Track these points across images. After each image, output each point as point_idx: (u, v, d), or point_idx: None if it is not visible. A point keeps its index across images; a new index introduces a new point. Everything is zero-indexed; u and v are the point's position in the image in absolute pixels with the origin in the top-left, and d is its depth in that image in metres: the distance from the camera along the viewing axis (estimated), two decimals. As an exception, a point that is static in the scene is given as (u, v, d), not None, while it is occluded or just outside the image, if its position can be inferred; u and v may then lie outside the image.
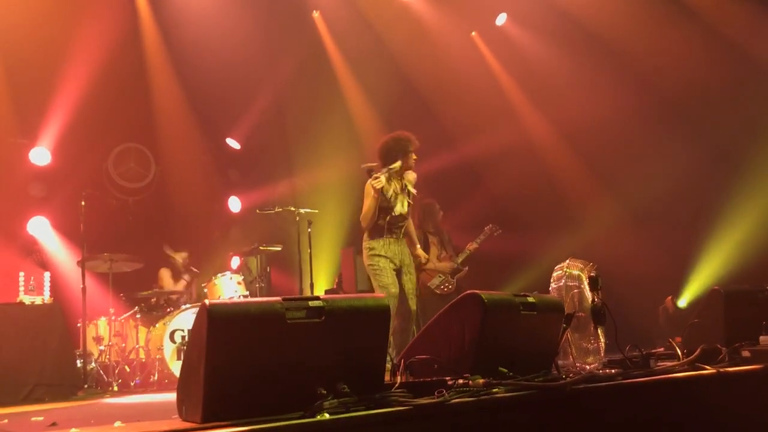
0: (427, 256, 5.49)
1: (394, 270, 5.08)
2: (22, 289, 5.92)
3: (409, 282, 5.16)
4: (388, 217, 5.13)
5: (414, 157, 5.22)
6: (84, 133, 8.06)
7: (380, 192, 5.01)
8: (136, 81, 8.50)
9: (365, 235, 5.20)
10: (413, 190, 5.31)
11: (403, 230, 5.25)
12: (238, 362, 2.29)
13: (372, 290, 6.39)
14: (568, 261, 4.24)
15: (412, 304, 5.14)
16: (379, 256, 5.04)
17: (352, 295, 2.72)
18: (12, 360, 5.50)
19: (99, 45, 7.68)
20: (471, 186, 8.95)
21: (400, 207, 5.17)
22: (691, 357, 3.41)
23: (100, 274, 7.25)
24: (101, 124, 8.24)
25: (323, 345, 2.46)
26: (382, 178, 5.01)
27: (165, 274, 7.72)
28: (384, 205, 5.10)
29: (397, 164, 5.11)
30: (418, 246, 5.46)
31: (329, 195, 9.05)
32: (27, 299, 5.87)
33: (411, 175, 5.31)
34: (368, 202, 5.07)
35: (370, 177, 5.11)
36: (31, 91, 7.59)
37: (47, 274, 6.15)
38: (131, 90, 8.48)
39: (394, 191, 5.14)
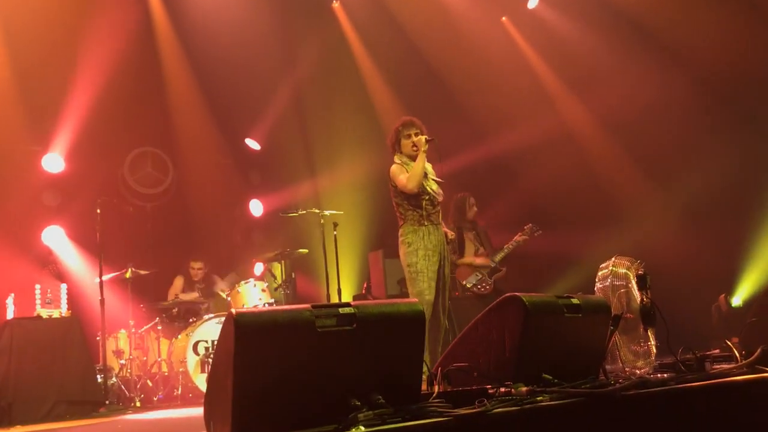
0: (453, 234, 5.41)
1: (435, 268, 5.03)
2: (38, 302, 5.99)
3: (446, 275, 5.13)
4: (424, 201, 5.09)
5: (410, 142, 5.14)
6: (98, 138, 8.16)
7: (424, 145, 5.00)
8: (150, 82, 8.60)
9: (401, 228, 5.17)
10: (437, 178, 5.28)
11: (440, 215, 5.22)
12: (267, 374, 2.31)
13: (403, 295, 6.40)
14: (613, 259, 4.21)
15: (446, 297, 5.12)
16: (418, 252, 4.99)
17: (383, 300, 2.73)
18: (31, 376, 5.59)
19: (111, 46, 7.78)
20: (505, 182, 8.90)
21: (434, 189, 5.14)
22: (750, 359, 3.35)
23: (119, 285, 7.35)
24: (116, 128, 8.34)
25: (356, 354, 2.47)
26: (422, 136, 5.06)
27: (175, 284, 7.80)
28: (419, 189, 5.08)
29: (422, 138, 5.10)
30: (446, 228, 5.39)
31: (354, 195, 9.07)
32: (44, 312, 5.95)
33: (430, 167, 5.29)
34: (404, 174, 5.03)
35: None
36: (42, 96, 7.70)
37: (64, 286, 6.22)
38: (146, 91, 8.57)
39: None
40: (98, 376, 6.25)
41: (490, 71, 8.91)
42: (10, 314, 6.00)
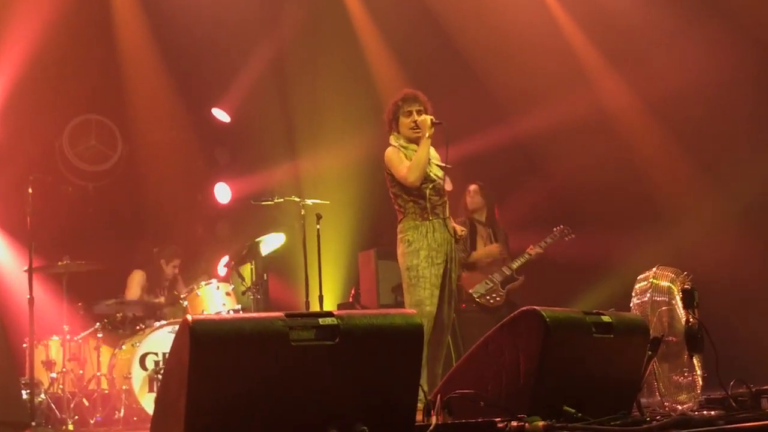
0: (464, 230, 5.41)
1: (439, 273, 5.01)
2: (-50, 300, 5.99)
3: (452, 280, 5.13)
4: (428, 191, 5.09)
5: (410, 120, 5.14)
6: (31, 102, 8.12)
7: (430, 128, 5.00)
8: (97, 35, 8.56)
9: (400, 223, 5.15)
10: (440, 162, 5.27)
11: (447, 208, 5.21)
12: (228, 396, 2.31)
13: (399, 305, 6.41)
14: (655, 269, 4.21)
15: (451, 308, 5.12)
16: (420, 252, 4.98)
17: (374, 311, 2.72)
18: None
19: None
20: (527, 172, 8.91)
21: (441, 175, 5.13)
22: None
23: (52, 282, 7.31)
24: (54, 90, 8.30)
25: (337, 375, 2.48)
26: (427, 117, 5.07)
27: (135, 280, 7.75)
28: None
29: (427, 120, 5.10)
30: (454, 223, 5.37)
31: (343, 181, 9.06)
32: (-41, 312, 5.93)
33: (434, 152, 5.28)
34: (402, 163, 5.04)
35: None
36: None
37: (-17, 281, 6.22)
38: (92, 47, 8.54)
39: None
40: (23, 392, 6.22)
41: (514, 40, 8.88)
42: None
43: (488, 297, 6.82)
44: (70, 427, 6.44)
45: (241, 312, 7.02)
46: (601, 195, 8.48)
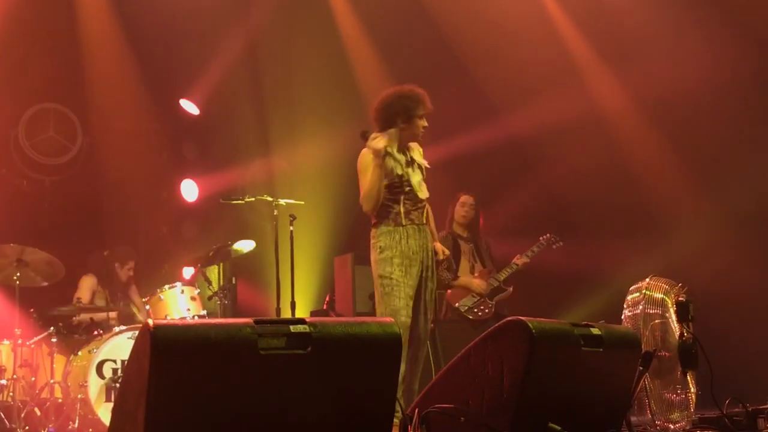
0: (447, 252, 5.41)
1: (414, 282, 5.02)
2: None
3: (428, 290, 5.14)
4: (402, 197, 5.08)
5: (423, 124, 5.17)
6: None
7: (383, 155, 4.97)
8: (58, 19, 8.50)
9: (373, 227, 5.15)
10: (424, 163, 5.27)
11: (424, 214, 5.21)
12: (191, 407, 2.30)
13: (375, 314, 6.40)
14: (648, 280, 4.24)
15: (428, 320, 5.13)
16: (393, 260, 4.99)
17: (349, 318, 2.72)
18: None
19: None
20: (516, 175, 8.93)
21: (416, 182, 5.13)
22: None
23: (2, 283, 7.25)
24: (9, 78, 8.24)
25: (309, 386, 2.48)
26: (382, 139, 5.00)
27: (87, 284, 7.70)
28: (393, 182, 5.06)
29: (393, 131, 5.08)
30: (437, 241, 5.39)
31: (319, 180, 9.05)
32: None
33: (417, 150, 5.28)
34: (368, 176, 5.05)
35: (365, 141, 5.09)
36: None
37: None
38: (51, 29, 8.48)
39: (399, 162, 5.10)
40: (-30, 401, 6.18)
41: (505, 35, 8.91)
42: None
43: (476, 310, 6.85)
44: (20, 439, 6.39)
45: (207, 318, 7.00)
46: (592, 200, 8.52)
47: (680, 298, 4.13)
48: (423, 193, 5.15)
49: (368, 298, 7.74)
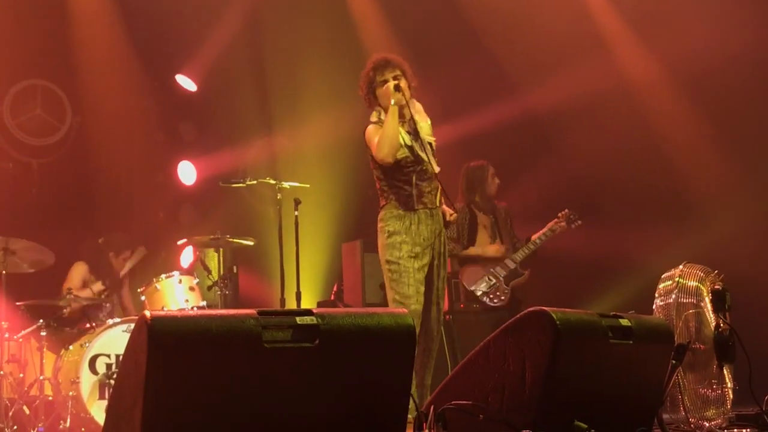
0: (454, 214, 5.38)
1: (425, 268, 5.02)
2: None
3: (440, 278, 5.14)
4: (414, 176, 5.08)
5: (398, 83, 5.10)
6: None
7: (399, 102, 4.99)
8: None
9: (382, 210, 5.15)
10: (431, 138, 5.26)
11: (439, 196, 5.20)
12: (190, 404, 2.31)
13: (386, 304, 6.42)
14: (681, 267, 4.23)
15: (440, 310, 5.13)
16: (402, 246, 4.98)
17: (358, 309, 2.73)
18: None
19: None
20: (537, 153, 8.91)
21: (426, 157, 5.11)
22: None
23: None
24: (-6, 52, 8.27)
25: (316, 382, 2.48)
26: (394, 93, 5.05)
27: (77, 272, 7.71)
28: (402, 156, 5.07)
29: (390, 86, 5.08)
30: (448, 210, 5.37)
31: (326, 162, 9.05)
32: None
33: (425, 123, 5.26)
34: (383, 129, 5.04)
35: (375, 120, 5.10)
36: None
37: None
38: (38, 2, 8.48)
39: (403, 138, 5.10)
40: (-45, 398, 6.22)
41: (524, 3, 8.88)
42: None
43: (491, 296, 6.84)
44: (9, 439, 6.44)
45: (206, 309, 7.02)
46: (620, 181, 8.50)
47: (716, 287, 4.12)
48: (431, 168, 5.12)
49: (379, 288, 7.75)
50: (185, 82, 9.39)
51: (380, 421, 2.58)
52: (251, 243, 7.43)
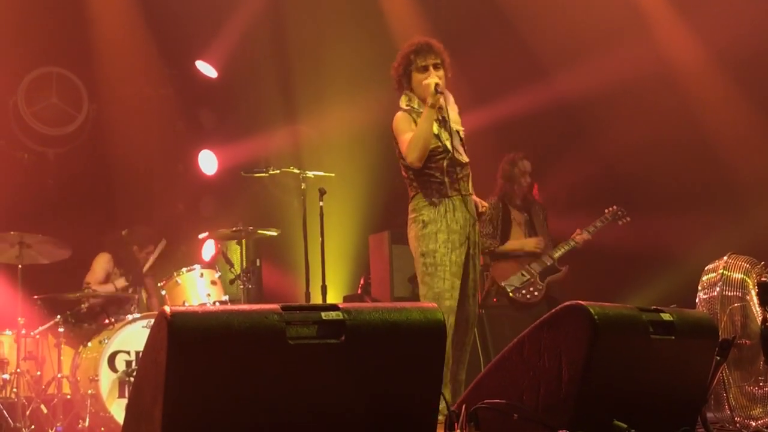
0: (486, 205, 5.35)
1: (461, 260, 5.01)
2: None
3: (475, 270, 5.13)
4: (445, 163, 5.07)
5: (438, 82, 5.01)
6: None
7: (438, 91, 4.93)
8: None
9: (412, 200, 5.14)
10: (460, 128, 5.24)
11: (470, 183, 5.18)
12: (212, 402, 2.32)
13: (416, 298, 6.42)
14: (726, 258, 4.20)
15: (476, 302, 5.13)
16: (438, 235, 4.96)
17: (386, 304, 2.73)
18: None
19: None
20: (573, 141, 8.87)
21: (455, 147, 5.09)
22: None
23: (3, 267, 7.34)
24: (8, 39, 8.30)
25: (343, 380, 2.48)
26: (433, 77, 5.00)
27: (101, 263, 7.75)
28: (433, 145, 5.03)
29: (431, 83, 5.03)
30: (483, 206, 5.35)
31: (351, 150, 9.06)
32: None
33: (453, 110, 5.23)
34: (407, 135, 5.03)
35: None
36: None
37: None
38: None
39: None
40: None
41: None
42: None
43: (524, 291, 6.82)
44: (26, 437, 6.49)
45: (228, 304, 7.04)
46: (661, 169, 8.45)
47: (763, 278, 4.09)
48: (462, 157, 5.11)
49: (407, 281, 7.75)
50: (206, 69, 9.43)
51: (409, 420, 2.58)
52: (275, 233, 7.45)
